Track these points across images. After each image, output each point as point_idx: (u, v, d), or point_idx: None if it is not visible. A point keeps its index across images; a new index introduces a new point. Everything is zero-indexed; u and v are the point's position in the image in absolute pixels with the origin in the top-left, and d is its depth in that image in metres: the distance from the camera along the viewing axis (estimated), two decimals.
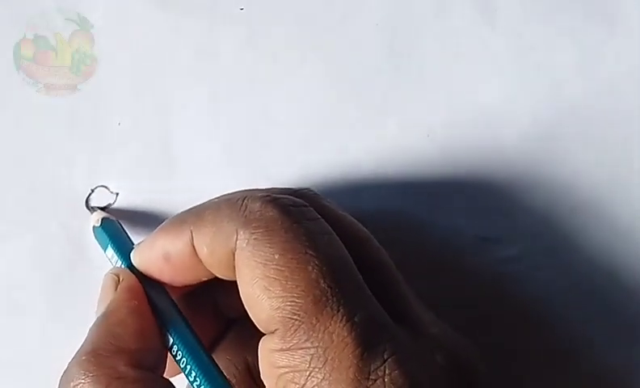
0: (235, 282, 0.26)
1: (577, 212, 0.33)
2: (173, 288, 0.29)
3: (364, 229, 0.29)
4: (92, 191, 0.33)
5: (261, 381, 0.28)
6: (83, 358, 0.26)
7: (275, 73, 0.34)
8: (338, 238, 0.26)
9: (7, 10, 0.33)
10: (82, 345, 0.27)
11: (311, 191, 0.30)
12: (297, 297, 0.24)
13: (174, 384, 0.27)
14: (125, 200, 0.33)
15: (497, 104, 0.33)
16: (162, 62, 0.33)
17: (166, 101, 0.33)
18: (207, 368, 0.27)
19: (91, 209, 0.33)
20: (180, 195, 0.33)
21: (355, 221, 0.29)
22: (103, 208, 0.33)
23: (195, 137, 0.33)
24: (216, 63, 0.34)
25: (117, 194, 0.33)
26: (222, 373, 0.27)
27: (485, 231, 0.33)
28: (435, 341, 0.26)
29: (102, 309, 0.28)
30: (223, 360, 0.29)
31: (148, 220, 0.33)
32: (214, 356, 0.28)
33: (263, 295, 0.25)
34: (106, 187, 0.33)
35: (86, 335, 0.28)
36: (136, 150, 0.33)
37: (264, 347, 0.25)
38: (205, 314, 0.30)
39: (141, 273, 0.29)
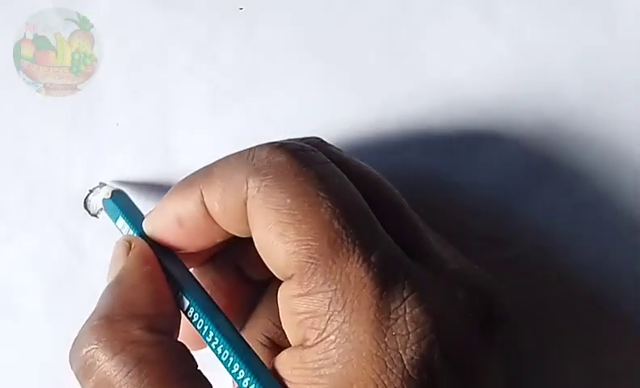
0: (253, 241, 0.26)
1: (577, 212, 0.33)
2: (191, 257, 0.29)
3: (374, 170, 0.28)
4: (90, 191, 0.33)
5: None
6: (95, 323, 0.26)
7: (275, 73, 0.34)
8: (349, 180, 0.26)
9: (7, 10, 0.33)
10: (94, 311, 0.27)
11: (318, 138, 0.29)
12: (312, 240, 0.24)
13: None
14: None
15: (497, 104, 0.33)
16: (161, 62, 0.34)
17: (166, 101, 0.33)
18: (224, 326, 0.26)
19: (100, 185, 0.33)
20: None
21: (364, 163, 0.28)
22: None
23: (195, 137, 0.33)
24: (216, 63, 0.34)
25: None
26: (238, 331, 0.27)
27: (485, 231, 0.33)
28: (455, 277, 0.26)
29: (113, 276, 0.28)
30: (260, 321, 0.29)
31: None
32: (248, 321, 0.28)
33: (278, 241, 0.24)
34: (105, 184, 0.33)
35: (97, 302, 0.27)
36: (136, 151, 0.33)
37: (283, 294, 0.25)
38: (229, 279, 0.30)
39: (153, 242, 0.28)
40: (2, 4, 0.33)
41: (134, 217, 0.30)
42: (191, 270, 0.29)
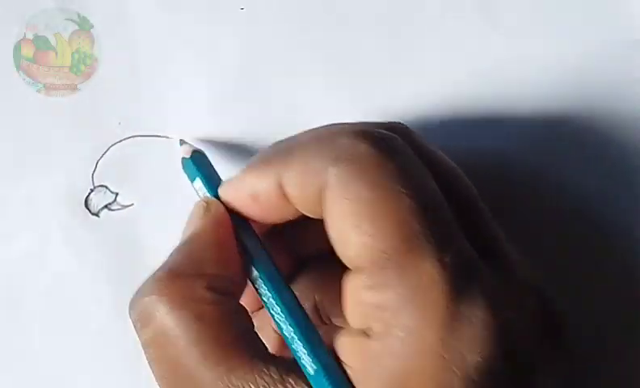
0: (311, 219, 0.26)
1: (577, 212, 0.33)
2: (257, 225, 0.29)
3: (455, 165, 0.28)
4: (91, 190, 0.33)
5: (328, 318, 0.28)
6: (160, 274, 0.26)
7: (275, 73, 0.34)
8: (430, 174, 0.25)
9: (7, 10, 0.33)
10: (162, 264, 0.27)
11: (402, 124, 0.29)
12: (387, 235, 0.24)
13: None
14: (125, 201, 0.33)
15: (497, 104, 0.33)
16: (162, 62, 0.34)
17: (166, 101, 0.34)
18: (289, 302, 0.27)
19: (180, 142, 0.32)
20: (180, 195, 0.33)
21: (446, 157, 0.28)
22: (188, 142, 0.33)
23: (195, 137, 0.33)
24: (216, 63, 0.34)
25: (117, 194, 0.33)
26: (302, 308, 0.27)
27: None
28: (526, 283, 0.26)
29: (188, 234, 0.28)
30: (302, 296, 0.29)
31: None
32: None
33: (353, 232, 0.24)
34: (106, 186, 0.33)
35: (167, 256, 0.27)
36: (136, 150, 0.33)
37: (351, 284, 0.25)
38: (279, 251, 0.30)
39: (228, 208, 0.28)
40: (2, 4, 0.33)
41: (212, 180, 0.30)
42: None
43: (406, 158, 0.25)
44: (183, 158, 0.31)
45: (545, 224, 0.33)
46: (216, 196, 0.29)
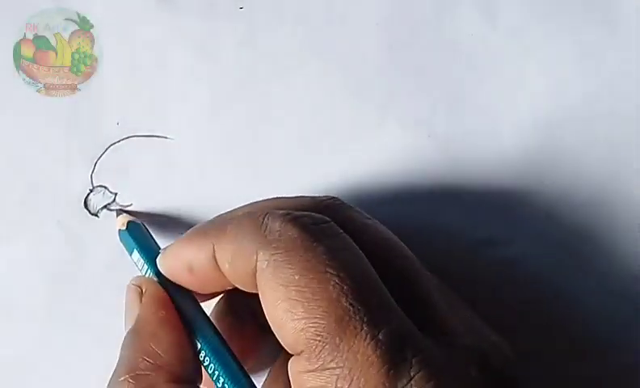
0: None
1: (577, 212, 0.33)
2: (203, 294, 0.29)
3: (393, 236, 0.28)
4: (91, 191, 0.33)
5: None
6: (121, 379, 0.26)
7: (275, 73, 0.34)
8: (361, 253, 0.26)
9: (7, 10, 0.33)
10: (118, 364, 0.27)
11: (337, 200, 0.29)
12: (320, 318, 0.24)
13: None
14: (124, 201, 0.33)
15: (497, 104, 0.33)
16: (161, 62, 0.33)
17: (166, 101, 0.33)
18: (234, 373, 0.27)
19: (117, 212, 0.33)
20: (180, 195, 0.33)
21: (384, 228, 0.29)
22: (127, 212, 0.33)
23: (195, 137, 0.33)
24: (216, 63, 0.34)
25: (116, 194, 0.33)
26: (250, 378, 0.27)
27: (485, 232, 0.33)
28: (469, 352, 0.26)
29: (130, 324, 0.28)
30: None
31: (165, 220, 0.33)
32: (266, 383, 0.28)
33: (286, 317, 0.24)
34: (105, 187, 0.33)
35: (119, 352, 0.28)
36: (135, 151, 0.33)
37: (292, 368, 0.25)
38: (248, 325, 0.30)
39: (168, 279, 0.29)
40: (2, 4, 0.33)
41: (149, 252, 0.30)
42: (209, 312, 0.29)
43: (335, 240, 0.26)
44: (120, 230, 0.32)
45: (545, 224, 0.33)
46: (155, 269, 0.29)
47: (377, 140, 0.33)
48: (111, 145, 0.33)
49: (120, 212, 0.33)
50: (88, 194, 0.33)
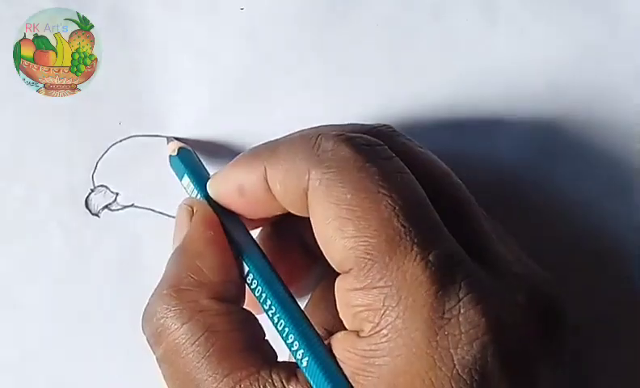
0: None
1: (577, 212, 0.33)
2: (253, 221, 0.29)
3: (444, 165, 0.28)
4: (92, 190, 0.33)
5: None
6: (165, 292, 0.27)
7: (275, 73, 0.34)
8: (413, 177, 0.26)
9: (7, 10, 0.33)
10: (163, 279, 0.27)
11: (389, 127, 0.29)
12: (370, 237, 0.24)
13: None
14: (125, 201, 0.33)
15: (497, 104, 0.33)
16: (162, 62, 0.33)
17: (166, 101, 0.33)
18: (281, 295, 0.27)
19: (167, 139, 0.33)
20: (180, 195, 0.33)
21: (435, 157, 0.28)
22: (178, 139, 0.33)
23: (196, 137, 0.33)
24: (216, 63, 0.34)
25: (117, 194, 0.33)
26: (295, 301, 0.27)
27: None
28: (517, 280, 0.26)
29: (178, 242, 0.28)
30: (318, 313, 0.29)
31: None
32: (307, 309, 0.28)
33: (336, 235, 0.24)
34: (106, 186, 0.33)
35: (164, 268, 0.28)
36: (136, 150, 0.33)
37: (340, 286, 0.25)
38: (294, 249, 0.30)
39: (217, 203, 0.29)
40: (2, 4, 0.33)
41: (200, 177, 0.30)
42: (255, 235, 0.29)
43: (387, 162, 0.26)
44: (170, 156, 0.32)
45: (544, 224, 0.33)
46: (205, 193, 0.29)
47: None
48: (113, 144, 0.33)
49: (170, 139, 0.33)
50: (89, 194, 0.33)
